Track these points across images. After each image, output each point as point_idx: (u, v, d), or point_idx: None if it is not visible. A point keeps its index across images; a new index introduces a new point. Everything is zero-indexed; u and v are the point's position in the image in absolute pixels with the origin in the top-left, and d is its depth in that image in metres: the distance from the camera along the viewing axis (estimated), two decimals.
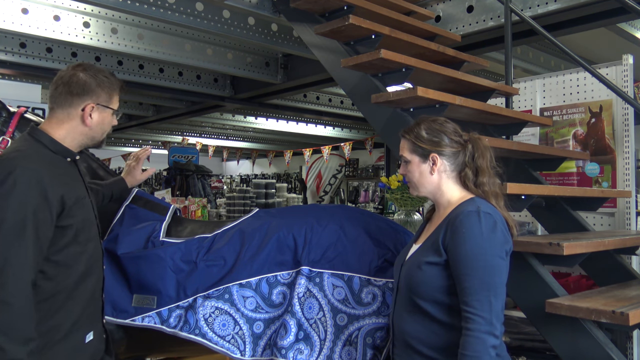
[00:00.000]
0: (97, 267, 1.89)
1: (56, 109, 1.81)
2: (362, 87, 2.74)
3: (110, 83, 1.87)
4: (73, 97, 1.79)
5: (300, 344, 2.08)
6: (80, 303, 1.79)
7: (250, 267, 2.20)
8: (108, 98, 1.86)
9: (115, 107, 1.90)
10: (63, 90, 1.79)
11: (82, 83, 1.80)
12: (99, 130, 1.87)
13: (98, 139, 1.89)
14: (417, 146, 1.77)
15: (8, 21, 4.03)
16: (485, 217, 1.60)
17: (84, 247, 1.79)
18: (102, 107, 1.84)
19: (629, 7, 2.57)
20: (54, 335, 1.71)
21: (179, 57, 4.90)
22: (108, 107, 1.86)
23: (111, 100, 1.88)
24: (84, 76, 1.81)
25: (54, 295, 1.71)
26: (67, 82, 1.80)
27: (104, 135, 1.90)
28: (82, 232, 1.78)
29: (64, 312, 1.74)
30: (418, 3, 3.68)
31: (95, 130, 1.85)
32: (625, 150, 3.08)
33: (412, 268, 1.70)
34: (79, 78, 1.80)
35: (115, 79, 1.91)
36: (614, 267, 2.54)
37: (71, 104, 1.80)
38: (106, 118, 1.87)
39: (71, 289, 1.76)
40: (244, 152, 12.10)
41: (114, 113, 1.90)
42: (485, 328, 1.53)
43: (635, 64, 3.15)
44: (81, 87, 1.80)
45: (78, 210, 1.76)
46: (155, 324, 2.17)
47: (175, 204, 2.69)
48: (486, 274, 1.56)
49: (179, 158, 9.24)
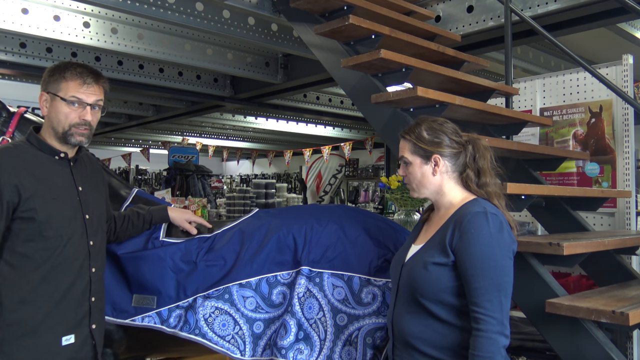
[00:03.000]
0: (78, 268, 1.87)
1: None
2: (362, 87, 2.74)
3: (60, 70, 1.85)
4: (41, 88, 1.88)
5: (300, 344, 2.08)
6: (50, 301, 1.79)
7: (250, 267, 2.20)
8: (56, 85, 1.84)
9: (64, 95, 1.83)
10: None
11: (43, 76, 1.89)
12: (55, 119, 1.85)
13: (59, 130, 1.85)
14: (419, 147, 1.76)
15: (8, 21, 4.03)
16: (492, 217, 1.61)
17: (52, 243, 1.80)
18: (51, 94, 1.85)
19: (629, 7, 2.57)
20: (16, 331, 1.73)
21: (179, 57, 4.90)
22: (56, 95, 1.83)
23: (59, 87, 1.83)
24: (47, 69, 1.89)
25: (17, 286, 1.74)
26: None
27: (65, 127, 1.84)
28: (49, 228, 1.79)
29: (28, 308, 1.76)
30: (418, 3, 3.68)
31: (52, 119, 1.85)
32: (625, 150, 3.08)
33: (416, 268, 1.69)
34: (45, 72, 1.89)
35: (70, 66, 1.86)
36: (614, 267, 2.54)
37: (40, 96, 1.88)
38: (57, 106, 1.83)
39: (36, 283, 1.77)
40: (244, 152, 12.10)
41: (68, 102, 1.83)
42: (497, 328, 1.53)
43: (635, 64, 3.15)
44: (42, 78, 1.89)
45: (43, 205, 1.78)
46: (155, 324, 2.17)
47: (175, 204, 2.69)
48: (496, 274, 1.56)
49: (179, 158, 9.24)
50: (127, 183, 2.62)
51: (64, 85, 1.84)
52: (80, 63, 1.91)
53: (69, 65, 1.87)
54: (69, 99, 1.83)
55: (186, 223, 2.34)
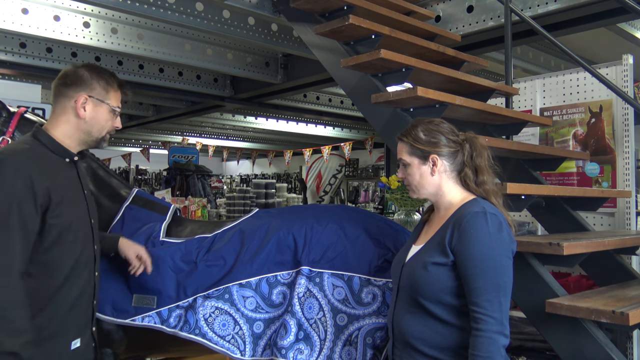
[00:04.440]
0: (88, 273, 1.85)
1: (54, 103, 1.83)
2: (362, 87, 2.74)
3: (107, 78, 1.86)
4: (67, 88, 1.81)
5: (300, 344, 2.08)
6: (65, 306, 1.76)
7: (250, 267, 2.20)
8: (103, 92, 1.85)
9: (112, 104, 1.87)
10: (59, 83, 1.83)
11: (78, 76, 1.83)
12: (95, 124, 1.84)
13: (95, 135, 1.86)
14: (416, 148, 1.77)
15: (8, 21, 4.03)
16: (492, 217, 1.62)
17: (70, 248, 1.77)
18: (95, 100, 1.83)
19: (629, 7, 2.57)
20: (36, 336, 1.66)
21: (179, 57, 4.90)
22: (103, 102, 1.84)
23: (107, 96, 1.86)
24: (81, 70, 1.84)
25: (36, 295, 1.67)
26: (63, 75, 1.84)
27: (102, 133, 1.87)
28: (68, 234, 1.75)
29: (47, 314, 1.71)
30: (418, 3, 3.68)
31: (91, 124, 1.83)
32: (625, 150, 3.08)
33: (417, 268, 1.70)
34: (76, 72, 1.83)
35: (115, 77, 1.90)
36: (614, 267, 2.54)
37: (65, 95, 1.81)
38: (101, 113, 1.85)
39: (54, 289, 1.73)
40: (244, 152, 12.10)
41: (112, 111, 1.87)
42: (497, 328, 1.54)
43: (635, 64, 3.15)
44: (75, 79, 1.82)
45: (66, 210, 1.74)
46: (155, 324, 2.17)
47: (175, 204, 2.69)
48: (496, 274, 1.57)
49: (179, 158, 9.24)
50: (127, 183, 2.62)
51: (113, 95, 1.88)
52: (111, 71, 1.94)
53: (112, 75, 1.90)
54: (115, 108, 1.88)
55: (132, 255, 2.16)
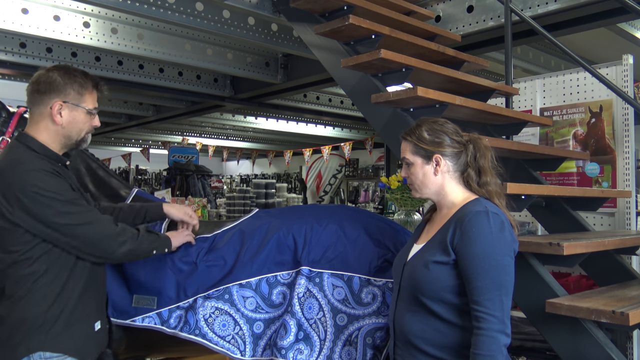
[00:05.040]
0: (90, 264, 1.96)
1: (31, 109, 1.85)
2: (362, 87, 2.74)
3: (80, 81, 1.86)
4: (42, 95, 1.82)
5: (300, 344, 2.08)
6: (93, 289, 1.93)
7: (250, 267, 2.20)
8: (78, 96, 1.85)
9: (88, 106, 1.88)
10: (33, 89, 1.83)
11: (50, 81, 1.82)
12: (73, 129, 1.86)
13: (75, 138, 1.88)
14: (420, 148, 1.77)
15: (8, 21, 4.02)
16: (494, 217, 1.62)
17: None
18: (71, 104, 1.84)
19: (629, 7, 2.57)
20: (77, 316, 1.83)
21: (179, 57, 4.90)
22: (79, 106, 1.85)
23: (82, 99, 1.86)
24: (53, 75, 1.83)
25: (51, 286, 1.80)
26: (35, 81, 1.84)
27: (82, 134, 1.90)
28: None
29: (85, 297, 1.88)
30: (418, 3, 3.68)
31: (69, 129, 1.85)
32: (625, 150, 3.08)
33: (418, 267, 1.70)
34: (48, 77, 1.82)
35: (88, 78, 1.89)
36: (614, 267, 2.54)
37: (41, 102, 1.83)
38: (78, 117, 1.86)
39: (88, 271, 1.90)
40: (244, 152, 12.10)
41: (88, 112, 1.88)
42: (498, 327, 1.54)
43: (635, 64, 3.15)
44: (48, 85, 1.82)
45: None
46: (155, 325, 2.17)
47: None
48: (497, 273, 1.57)
49: (179, 158, 9.25)
50: (127, 183, 2.63)
51: (88, 97, 1.88)
52: (83, 70, 1.93)
53: (85, 76, 1.89)
54: (92, 110, 1.89)
55: (186, 216, 2.27)
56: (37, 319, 1.76)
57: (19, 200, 1.70)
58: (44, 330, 1.77)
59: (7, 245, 1.74)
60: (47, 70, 1.85)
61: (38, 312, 1.76)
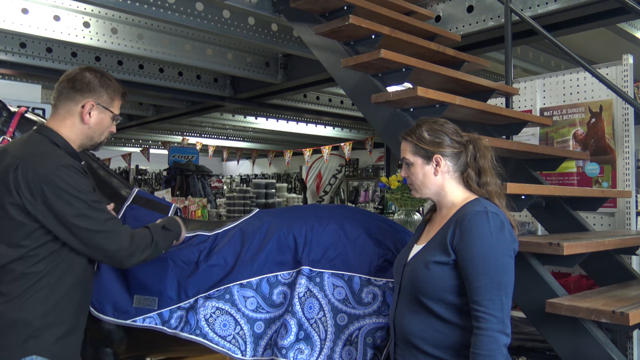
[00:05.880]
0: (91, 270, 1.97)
1: (58, 105, 1.86)
2: (362, 87, 2.74)
3: (114, 87, 1.92)
4: (75, 93, 1.85)
5: (301, 344, 2.08)
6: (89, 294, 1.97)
7: (251, 267, 2.20)
8: (109, 100, 1.90)
9: (115, 112, 1.94)
10: (67, 86, 1.86)
11: (87, 81, 1.86)
12: (97, 130, 1.91)
13: (96, 140, 1.93)
14: (420, 148, 1.78)
15: (8, 21, 4.03)
16: (493, 217, 1.62)
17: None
18: (102, 107, 1.88)
19: (629, 7, 2.57)
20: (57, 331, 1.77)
21: (179, 57, 4.90)
22: (108, 109, 1.90)
23: (112, 104, 1.92)
24: (89, 75, 1.87)
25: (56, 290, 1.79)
26: (72, 78, 1.86)
27: (102, 137, 1.94)
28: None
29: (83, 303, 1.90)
30: (418, 3, 3.68)
31: (94, 130, 1.89)
32: (625, 150, 3.08)
33: (418, 267, 1.70)
34: (84, 76, 1.86)
35: (119, 85, 1.95)
36: (614, 267, 2.54)
37: (72, 99, 1.85)
38: (105, 120, 1.91)
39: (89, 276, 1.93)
40: (244, 152, 12.10)
41: (113, 118, 1.94)
42: (498, 327, 1.54)
43: (635, 64, 3.15)
44: (84, 85, 1.85)
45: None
46: (156, 325, 2.17)
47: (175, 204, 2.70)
48: (497, 273, 1.57)
49: (179, 158, 9.24)
50: (127, 183, 2.62)
51: (117, 103, 1.95)
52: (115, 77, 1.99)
53: (118, 83, 1.95)
54: (117, 117, 1.95)
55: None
56: (34, 321, 1.71)
57: (43, 193, 1.69)
58: (41, 334, 1.72)
59: (17, 239, 1.71)
60: (82, 70, 1.89)
61: (36, 314, 1.71)
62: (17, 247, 1.71)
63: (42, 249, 1.73)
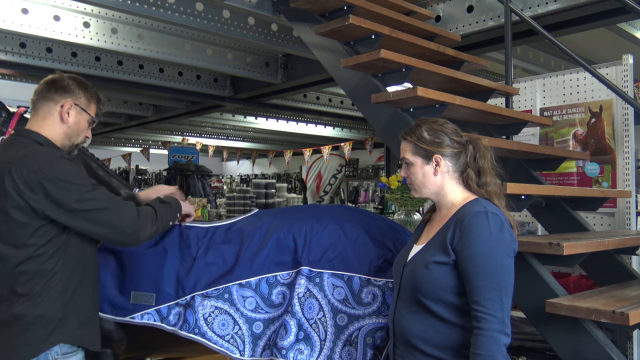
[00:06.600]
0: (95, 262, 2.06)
1: (38, 106, 1.93)
2: (362, 87, 2.74)
3: (91, 91, 2.01)
4: (55, 93, 1.93)
5: (301, 344, 2.08)
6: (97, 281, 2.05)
7: (250, 267, 2.20)
8: (87, 102, 1.98)
9: (91, 114, 2.00)
10: (46, 87, 1.94)
11: (65, 84, 1.95)
12: (76, 130, 1.97)
13: (74, 141, 1.99)
14: (420, 148, 1.78)
15: (8, 21, 4.02)
16: (493, 217, 1.62)
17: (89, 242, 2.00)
18: (79, 108, 1.96)
19: (629, 7, 2.57)
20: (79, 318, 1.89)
21: (179, 57, 4.90)
22: (85, 111, 1.97)
23: (89, 106, 1.99)
24: (68, 79, 1.97)
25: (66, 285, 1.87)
26: (50, 81, 1.96)
27: (79, 139, 2.00)
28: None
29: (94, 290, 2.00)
30: (418, 3, 3.68)
31: (73, 129, 1.96)
32: (625, 150, 3.08)
33: (418, 267, 1.70)
34: (63, 79, 1.96)
35: (95, 90, 2.04)
36: (614, 267, 2.54)
37: (52, 99, 1.92)
38: (82, 121, 1.98)
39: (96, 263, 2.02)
40: (244, 152, 12.10)
41: (90, 121, 2.00)
42: (498, 327, 1.54)
43: (635, 64, 3.15)
44: (63, 86, 1.94)
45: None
46: (154, 322, 2.17)
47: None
48: (497, 274, 1.57)
49: (179, 158, 9.25)
50: (127, 183, 2.62)
51: (93, 107, 2.02)
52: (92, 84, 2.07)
53: (94, 89, 2.03)
54: (94, 119, 2.02)
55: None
56: (56, 314, 1.80)
57: (42, 186, 1.74)
58: (64, 324, 1.82)
59: (23, 239, 1.77)
60: (60, 74, 1.98)
61: (56, 307, 1.80)
62: (24, 247, 1.77)
63: (49, 245, 1.79)
